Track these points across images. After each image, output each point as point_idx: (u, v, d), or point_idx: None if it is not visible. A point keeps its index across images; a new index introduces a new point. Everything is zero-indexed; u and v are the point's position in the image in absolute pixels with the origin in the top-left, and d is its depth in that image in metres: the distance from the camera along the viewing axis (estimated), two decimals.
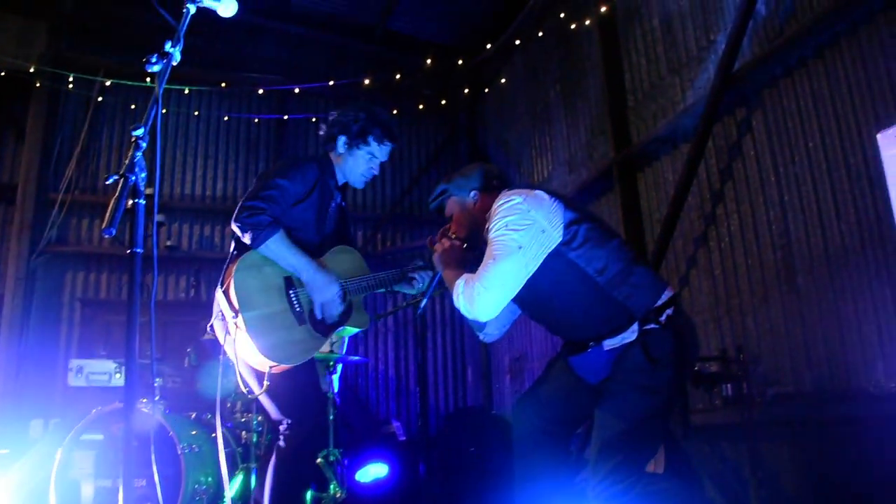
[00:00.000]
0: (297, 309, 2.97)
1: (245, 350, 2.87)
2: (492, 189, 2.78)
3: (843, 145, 3.96)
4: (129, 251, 1.68)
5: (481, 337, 2.95)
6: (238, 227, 2.89)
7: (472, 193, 2.81)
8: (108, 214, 1.62)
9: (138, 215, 1.71)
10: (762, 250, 4.47)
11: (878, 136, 1.90)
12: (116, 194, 1.66)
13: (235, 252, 3.02)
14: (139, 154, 1.73)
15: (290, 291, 2.98)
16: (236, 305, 2.83)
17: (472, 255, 2.82)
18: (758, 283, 4.49)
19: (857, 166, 3.85)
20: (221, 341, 2.97)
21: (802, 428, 4.08)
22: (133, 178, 1.70)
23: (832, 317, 3.97)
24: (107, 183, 1.66)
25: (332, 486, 4.63)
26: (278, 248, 2.91)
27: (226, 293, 2.89)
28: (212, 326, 3.03)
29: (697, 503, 2.46)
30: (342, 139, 3.23)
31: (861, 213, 3.83)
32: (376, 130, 3.22)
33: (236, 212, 2.90)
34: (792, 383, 4.18)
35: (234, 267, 2.90)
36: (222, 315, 2.91)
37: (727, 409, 4.36)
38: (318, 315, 3.04)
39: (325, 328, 3.04)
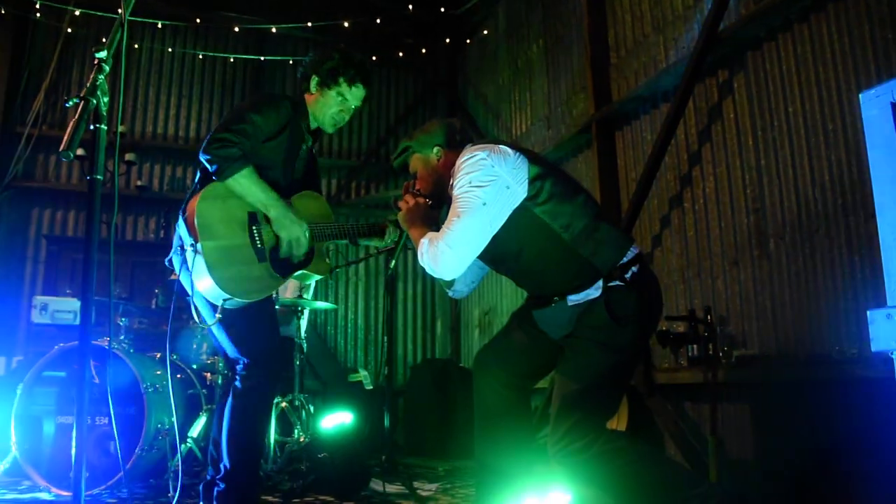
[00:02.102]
0: (258, 246, 2.92)
1: (200, 280, 2.82)
2: (455, 145, 2.74)
3: (822, 111, 3.94)
4: (88, 177, 1.62)
5: (450, 293, 2.94)
6: (206, 158, 2.82)
7: (436, 150, 2.77)
8: (66, 137, 1.56)
9: (99, 141, 1.65)
10: (736, 214, 4.47)
11: (861, 95, 1.87)
12: (76, 117, 1.59)
13: (199, 184, 2.96)
14: (101, 77, 1.66)
15: (253, 227, 2.93)
16: (196, 233, 2.78)
17: (437, 212, 2.79)
18: (729, 247, 4.50)
19: (836, 132, 3.84)
20: (177, 274, 2.93)
21: (764, 390, 4.13)
22: (94, 101, 1.63)
23: (801, 282, 4.00)
24: (66, 105, 1.59)
25: (296, 431, 4.64)
26: (248, 183, 2.85)
27: (187, 221, 2.84)
28: (170, 261, 2.98)
29: (656, 461, 2.46)
30: (315, 79, 3.17)
31: (836, 180, 3.83)
32: (349, 71, 3.16)
33: (205, 142, 2.83)
34: (757, 346, 4.22)
35: (199, 196, 2.85)
36: (181, 249, 2.86)
37: (692, 369, 4.40)
38: (284, 253, 2.99)
39: (283, 269, 2.99)
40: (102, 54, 1.70)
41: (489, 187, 2.40)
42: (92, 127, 1.65)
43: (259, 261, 2.91)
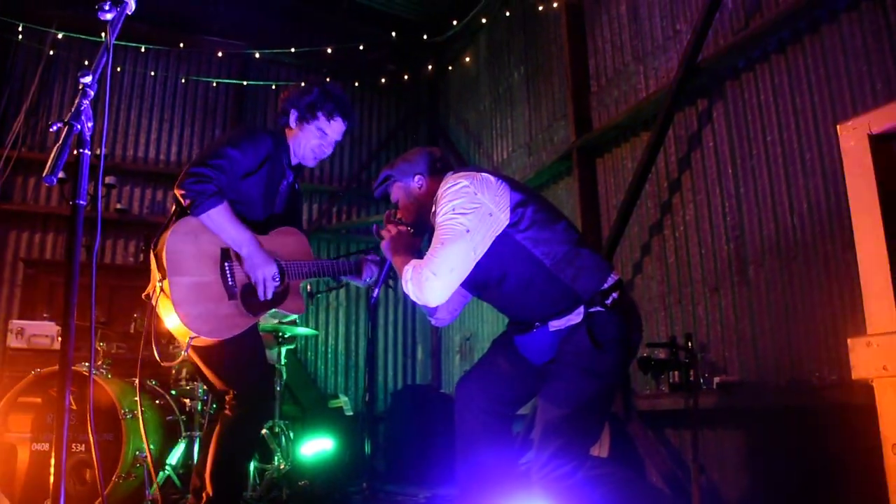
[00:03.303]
0: (230, 282, 2.88)
1: (167, 317, 2.78)
2: (436, 172, 2.74)
3: (800, 140, 4.00)
4: (70, 202, 1.61)
5: (433, 322, 2.92)
6: (181, 192, 2.78)
7: (417, 178, 2.76)
8: (49, 161, 1.55)
9: (83, 166, 1.64)
10: (715, 241, 4.52)
11: (839, 126, 1.90)
12: (60, 142, 1.59)
13: (174, 217, 2.92)
14: (86, 102, 1.66)
15: (226, 264, 2.89)
16: (165, 268, 2.74)
17: (419, 240, 2.79)
18: (710, 273, 4.54)
19: (813, 161, 3.90)
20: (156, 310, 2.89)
21: (745, 416, 4.15)
22: (79, 126, 1.62)
23: (780, 309, 4.03)
24: (51, 130, 1.58)
25: (276, 458, 4.59)
26: (220, 220, 2.81)
27: (157, 255, 2.80)
28: (148, 296, 2.94)
29: (638, 487, 2.46)
30: (293, 113, 3.15)
31: (814, 207, 3.88)
32: (327, 105, 3.13)
33: (181, 176, 2.80)
34: (738, 372, 4.24)
35: (170, 230, 2.81)
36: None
37: (673, 395, 4.41)
38: (260, 294, 2.96)
39: (255, 307, 2.94)
40: (87, 79, 1.70)
41: (472, 214, 2.41)
42: (76, 152, 1.64)
43: (229, 298, 2.86)
